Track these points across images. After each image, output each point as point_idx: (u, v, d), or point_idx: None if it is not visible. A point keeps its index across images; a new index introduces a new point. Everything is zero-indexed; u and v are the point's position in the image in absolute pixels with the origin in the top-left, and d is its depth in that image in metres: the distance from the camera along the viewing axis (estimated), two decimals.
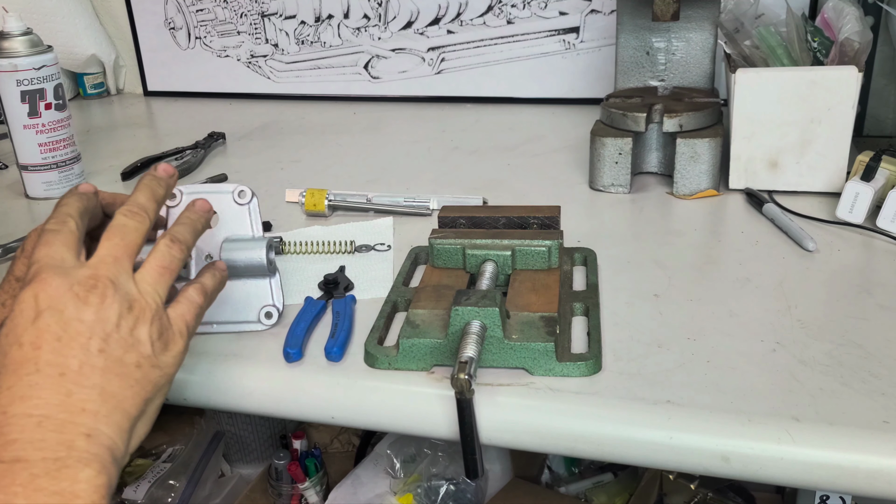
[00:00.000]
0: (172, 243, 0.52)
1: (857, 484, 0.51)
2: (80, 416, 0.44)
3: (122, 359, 0.47)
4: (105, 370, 0.46)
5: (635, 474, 1.24)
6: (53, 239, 0.49)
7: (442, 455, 1.16)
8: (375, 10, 1.44)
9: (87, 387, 0.45)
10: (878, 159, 0.83)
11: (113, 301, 0.47)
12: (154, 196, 0.54)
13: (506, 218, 0.73)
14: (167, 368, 0.49)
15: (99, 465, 0.43)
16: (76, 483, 0.42)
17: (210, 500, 1.31)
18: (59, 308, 0.46)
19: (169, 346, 0.49)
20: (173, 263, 0.52)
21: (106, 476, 0.43)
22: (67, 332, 0.46)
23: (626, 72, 1.08)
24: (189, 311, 0.52)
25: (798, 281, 0.72)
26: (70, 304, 0.46)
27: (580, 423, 0.55)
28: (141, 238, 0.51)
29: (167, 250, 0.52)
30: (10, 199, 1.06)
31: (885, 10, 1.10)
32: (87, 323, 0.46)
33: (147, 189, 0.54)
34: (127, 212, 0.52)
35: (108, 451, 0.45)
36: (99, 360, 0.46)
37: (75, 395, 0.45)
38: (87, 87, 1.62)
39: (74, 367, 0.45)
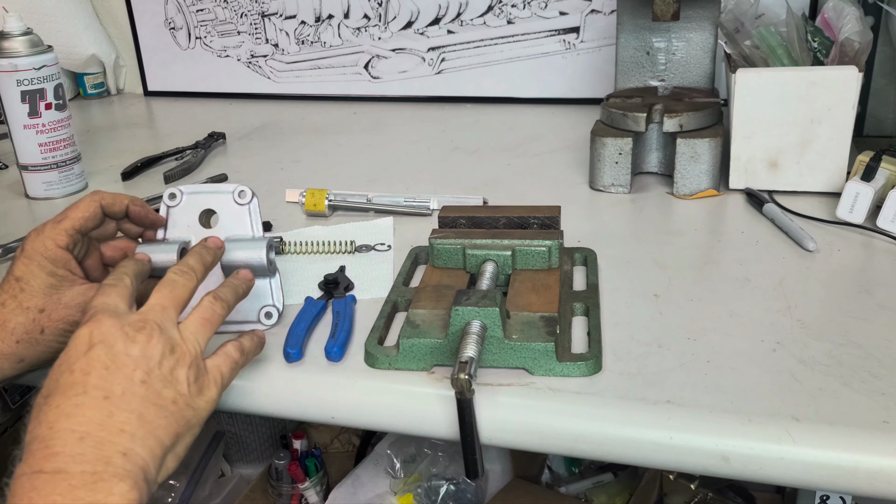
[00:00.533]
0: (215, 300, 0.58)
1: (857, 484, 0.51)
2: (119, 436, 0.48)
3: (161, 392, 0.51)
4: (144, 399, 0.50)
5: (635, 474, 1.24)
6: (110, 291, 0.55)
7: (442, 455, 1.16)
8: (375, 10, 1.44)
9: (127, 411, 0.49)
10: (879, 159, 0.83)
11: (158, 342, 0.52)
12: (203, 261, 0.60)
13: (506, 218, 0.73)
14: (199, 411, 0.53)
15: (132, 482, 0.47)
16: (110, 496, 0.46)
17: (210, 500, 1.31)
18: (110, 343, 0.51)
19: (203, 391, 0.54)
20: (214, 317, 0.57)
21: (137, 492, 0.47)
22: (115, 362, 0.50)
23: (626, 72, 1.08)
24: (225, 364, 0.56)
25: (798, 281, 0.72)
26: (120, 340, 0.51)
27: (580, 423, 0.55)
28: (188, 294, 0.57)
29: (210, 306, 0.57)
30: (10, 199, 1.06)
31: (885, 10, 1.10)
32: (133, 357, 0.51)
33: (198, 255, 0.61)
34: (178, 270, 0.58)
35: (141, 471, 0.48)
36: (140, 389, 0.50)
37: (116, 417, 0.49)
38: (88, 87, 1.62)
39: (118, 392, 0.50)
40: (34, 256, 0.61)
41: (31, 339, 0.61)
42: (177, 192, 0.67)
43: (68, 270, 0.62)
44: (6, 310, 0.60)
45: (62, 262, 0.61)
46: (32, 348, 0.61)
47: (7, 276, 0.61)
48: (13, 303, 0.60)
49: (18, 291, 0.61)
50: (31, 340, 0.61)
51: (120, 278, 0.57)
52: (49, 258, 0.61)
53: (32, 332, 0.61)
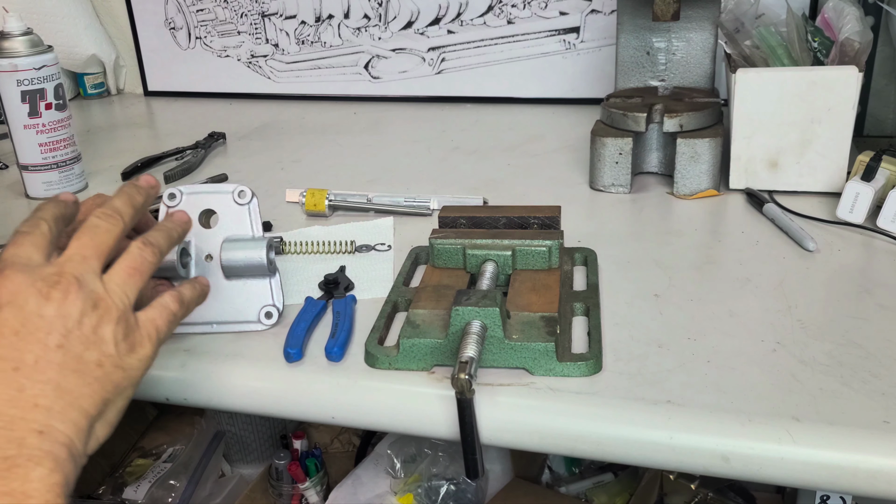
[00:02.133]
0: (145, 246, 0.51)
1: (857, 484, 0.51)
2: (32, 411, 0.43)
3: (82, 356, 0.45)
4: (62, 366, 0.44)
5: (635, 474, 1.24)
6: (23, 240, 0.48)
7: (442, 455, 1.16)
8: (376, 10, 1.44)
9: (42, 382, 0.44)
10: (879, 159, 0.83)
11: (77, 298, 0.46)
12: (132, 202, 0.53)
13: (506, 218, 0.73)
14: (132, 371, 0.48)
15: (52, 463, 0.42)
16: (28, 482, 0.41)
17: (210, 500, 1.31)
18: (20, 303, 0.45)
19: (135, 349, 0.48)
20: (144, 266, 0.50)
21: (61, 474, 0.42)
22: (26, 326, 0.44)
23: (626, 72, 1.08)
24: (161, 317, 0.51)
25: (798, 281, 0.72)
26: (31, 299, 0.45)
27: (580, 423, 0.55)
28: (112, 240, 0.50)
29: (139, 252, 0.51)
30: (10, 199, 1.06)
31: (885, 10, 1.10)
32: (48, 318, 0.45)
33: (125, 195, 0.53)
34: (101, 213, 0.51)
35: (63, 448, 0.43)
36: (56, 355, 0.44)
37: (28, 391, 0.43)
38: (88, 87, 1.62)
39: (30, 361, 0.44)
40: None
41: None
42: (176, 192, 0.67)
43: None
44: None
45: None
46: None
47: None
48: None
49: None
50: None
51: (36, 224, 0.49)
52: None
53: None
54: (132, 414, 1.37)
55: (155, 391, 0.63)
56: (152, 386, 0.63)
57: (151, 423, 1.39)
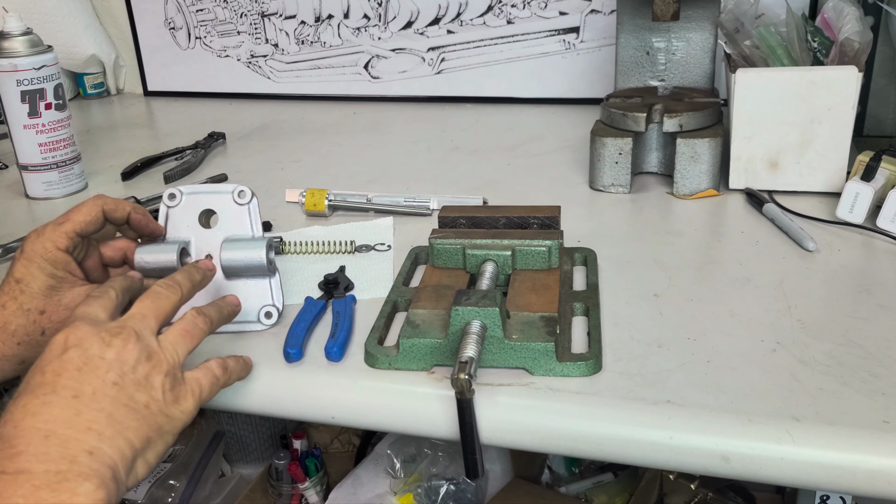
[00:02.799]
0: (199, 315, 0.57)
1: (857, 484, 0.51)
2: (86, 434, 0.47)
3: (134, 395, 0.51)
4: (115, 400, 0.50)
5: (635, 474, 1.24)
6: (93, 302, 0.55)
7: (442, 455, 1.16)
8: (375, 10, 1.44)
9: (96, 410, 0.49)
10: (878, 159, 0.83)
11: (134, 347, 0.52)
12: (191, 279, 0.60)
13: (506, 218, 0.73)
14: (174, 420, 0.53)
15: (98, 481, 0.46)
16: (75, 496, 0.44)
17: (210, 500, 1.31)
18: (85, 346, 0.51)
19: (179, 401, 0.53)
20: (196, 331, 0.56)
21: (105, 492, 0.46)
22: (88, 365, 0.50)
23: (626, 72, 1.08)
24: (205, 378, 0.56)
25: (798, 281, 0.72)
26: (95, 344, 0.51)
27: (580, 423, 0.55)
28: (171, 307, 0.57)
29: (192, 319, 0.57)
30: (10, 199, 1.06)
31: (885, 10, 1.10)
32: (107, 360, 0.51)
33: (187, 272, 0.60)
34: (164, 283, 0.58)
35: (108, 470, 0.47)
36: (112, 390, 0.50)
37: (83, 416, 0.48)
38: (87, 87, 1.62)
39: (88, 392, 0.49)
40: (34, 258, 0.61)
41: (32, 341, 0.61)
42: (176, 192, 0.67)
43: (68, 272, 0.62)
44: (7, 312, 0.60)
45: (62, 264, 0.61)
46: (33, 350, 0.61)
47: (7, 278, 0.61)
48: (13, 305, 0.60)
49: (19, 293, 0.61)
50: (32, 342, 0.61)
51: (105, 291, 0.57)
52: (49, 260, 0.61)
53: (33, 333, 0.61)
54: None
55: None
56: None
57: None
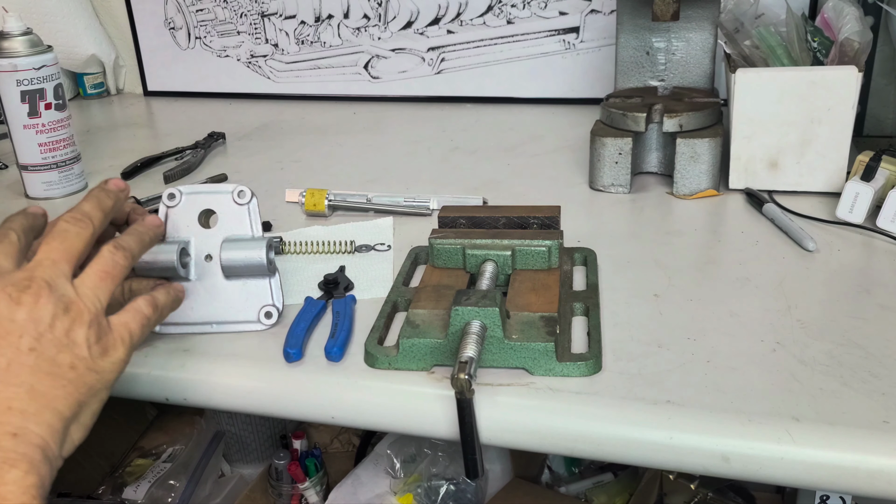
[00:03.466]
0: (116, 250, 0.52)
1: (857, 484, 0.51)
2: (6, 414, 0.43)
3: (55, 358, 0.46)
4: (35, 368, 0.45)
5: (635, 474, 1.24)
6: None
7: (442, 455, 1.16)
8: (375, 10, 1.44)
9: (15, 385, 0.44)
10: (878, 159, 0.83)
11: (48, 302, 0.46)
12: (101, 206, 0.53)
13: (506, 218, 0.73)
14: (105, 374, 0.48)
15: (27, 465, 0.42)
16: (3, 485, 0.41)
17: (210, 500, 1.31)
18: None
19: (108, 352, 0.48)
20: (116, 269, 0.51)
21: (36, 476, 0.42)
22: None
23: (626, 72, 1.08)
24: (134, 321, 0.51)
25: (798, 281, 0.72)
26: (2, 304, 0.45)
27: (580, 423, 0.55)
28: (82, 244, 0.51)
29: (110, 256, 0.51)
30: (10, 199, 1.06)
31: (885, 10, 1.10)
32: (19, 322, 0.45)
33: (94, 199, 0.54)
34: (70, 218, 0.51)
35: (38, 450, 0.43)
36: (29, 358, 0.45)
37: (1, 394, 0.44)
38: (87, 87, 1.62)
39: (2, 365, 0.44)
40: None
41: None
42: (176, 192, 0.67)
43: None
44: None
45: None
46: None
47: None
48: None
49: None
50: None
51: (5, 233, 0.50)
52: None
53: None
54: (132, 414, 1.37)
55: (155, 391, 0.63)
56: (152, 386, 0.63)
57: (151, 423, 1.39)
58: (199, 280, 0.66)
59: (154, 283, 0.63)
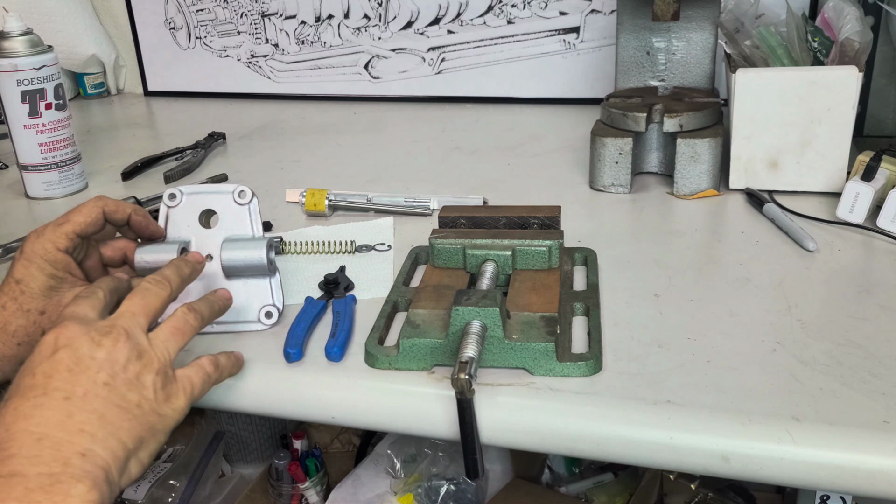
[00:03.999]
0: (189, 311, 0.57)
1: (857, 484, 0.51)
2: (78, 436, 0.48)
3: (125, 395, 0.51)
4: (107, 400, 0.50)
5: (635, 474, 1.24)
6: (81, 301, 0.55)
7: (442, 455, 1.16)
8: (375, 10, 1.44)
9: (88, 411, 0.49)
10: (879, 159, 0.83)
11: (124, 347, 0.52)
12: (180, 274, 0.60)
13: (506, 218, 0.73)
14: (166, 418, 0.53)
15: (91, 483, 0.46)
16: (68, 497, 0.45)
17: (210, 500, 1.31)
18: (75, 347, 0.50)
19: (171, 399, 0.53)
20: (187, 328, 0.56)
21: (98, 493, 0.46)
22: (79, 365, 0.50)
23: (626, 72, 1.08)
24: (196, 375, 0.56)
25: (798, 281, 0.72)
26: (85, 344, 0.51)
27: (580, 423, 0.55)
28: (160, 303, 0.56)
29: (183, 316, 0.57)
30: (10, 199, 1.06)
31: (885, 10, 1.10)
32: (98, 360, 0.51)
33: (175, 267, 0.60)
34: (152, 280, 0.58)
35: (101, 471, 0.47)
36: (103, 391, 0.50)
37: (75, 417, 0.48)
38: (88, 87, 1.62)
39: (79, 393, 0.49)
40: (34, 259, 0.61)
41: (33, 342, 0.60)
42: (176, 192, 0.67)
43: (68, 272, 0.62)
44: (7, 312, 0.60)
45: (62, 265, 0.61)
46: None
47: (7, 279, 0.61)
48: (13, 305, 0.60)
49: (19, 294, 0.61)
50: (33, 343, 0.60)
51: (94, 291, 0.57)
52: (49, 260, 0.61)
53: (33, 334, 0.61)
54: None
55: None
56: None
57: None
58: (199, 280, 0.66)
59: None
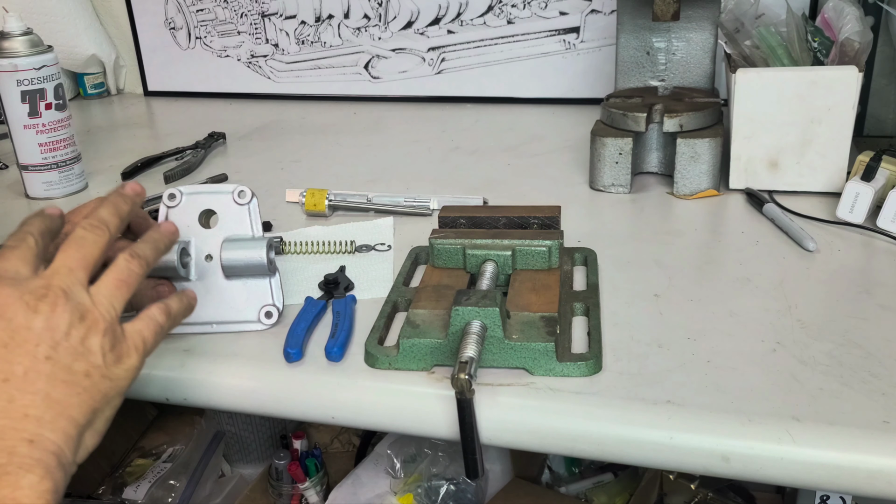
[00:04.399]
0: (132, 258, 0.52)
1: (857, 484, 0.51)
2: (23, 421, 0.44)
3: (71, 367, 0.46)
4: (51, 376, 0.46)
5: (635, 474, 1.24)
6: (10, 254, 0.49)
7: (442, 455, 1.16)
8: (376, 10, 1.44)
9: (31, 392, 0.45)
10: (879, 159, 0.83)
11: (64, 310, 0.47)
12: (117, 212, 0.54)
13: (506, 218, 0.73)
14: (119, 381, 0.49)
15: (42, 471, 0.43)
16: (17, 489, 0.42)
17: (210, 500, 1.31)
18: (9, 316, 0.46)
19: (122, 359, 0.49)
20: (131, 278, 0.51)
21: (51, 481, 0.43)
22: (14, 339, 0.46)
23: (626, 72, 1.08)
24: (147, 328, 0.52)
25: (798, 281, 0.72)
26: (20, 312, 0.46)
27: (580, 423, 0.55)
28: (99, 251, 0.51)
29: (126, 265, 0.51)
30: (10, 199, 1.06)
31: (885, 10, 1.10)
32: (36, 330, 0.46)
33: (111, 205, 0.54)
34: (87, 225, 0.51)
35: (53, 457, 0.44)
36: (45, 366, 0.46)
37: (18, 401, 0.45)
38: (88, 87, 1.62)
39: (19, 373, 0.45)
40: None
41: None
42: (176, 192, 0.67)
43: None
44: None
45: None
46: None
47: None
48: None
49: None
50: None
51: (22, 238, 0.50)
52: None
53: None
54: (132, 414, 1.37)
55: (155, 391, 0.63)
56: (152, 386, 0.63)
57: (151, 423, 1.39)
58: (199, 280, 0.66)
59: (154, 283, 0.63)
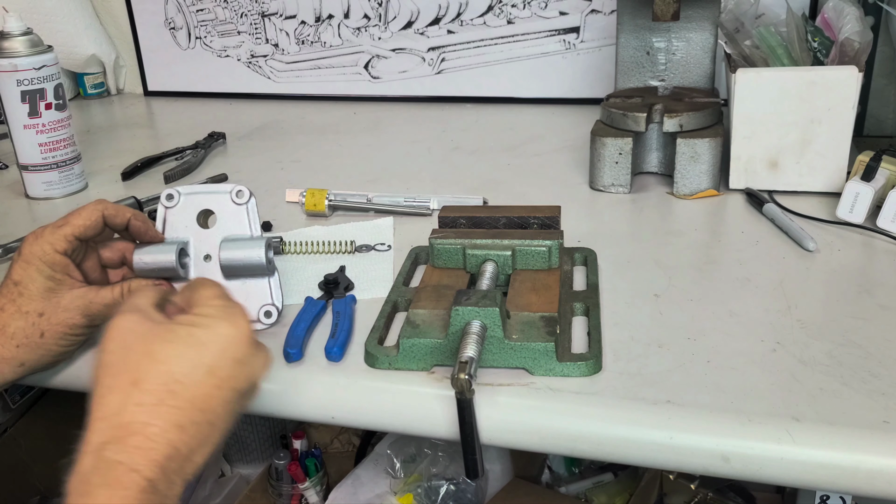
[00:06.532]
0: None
1: (857, 484, 0.51)
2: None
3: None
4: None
5: (635, 474, 1.24)
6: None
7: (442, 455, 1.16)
8: (375, 10, 1.44)
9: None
10: (879, 159, 0.83)
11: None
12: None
13: (506, 218, 0.73)
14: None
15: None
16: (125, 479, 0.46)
17: (210, 500, 1.31)
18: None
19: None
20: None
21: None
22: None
23: (626, 72, 1.08)
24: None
25: (798, 281, 0.72)
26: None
27: (580, 423, 0.55)
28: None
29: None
30: (10, 199, 1.06)
31: (885, 10, 1.10)
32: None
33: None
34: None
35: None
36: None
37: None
38: (88, 87, 1.62)
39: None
40: (32, 260, 0.60)
41: (31, 343, 0.60)
42: (174, 192, 0.67)
43: (66, 274, 0.62)
44: (5, 314, 0.60)
45: (60, 267, 0.61)
46: (33, 352, 0.60)
47: (5, 280, 0.61)
48: (12, 307, 0.60)
49: (17, 296, 0.60)
50: (31, 344, 0.60)
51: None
52: (47, 262, 0.60)
53: (32, 336, 0.60)
54: None
55: None
56: None
57: None
58: None
59: (153, 283, 0.63)
